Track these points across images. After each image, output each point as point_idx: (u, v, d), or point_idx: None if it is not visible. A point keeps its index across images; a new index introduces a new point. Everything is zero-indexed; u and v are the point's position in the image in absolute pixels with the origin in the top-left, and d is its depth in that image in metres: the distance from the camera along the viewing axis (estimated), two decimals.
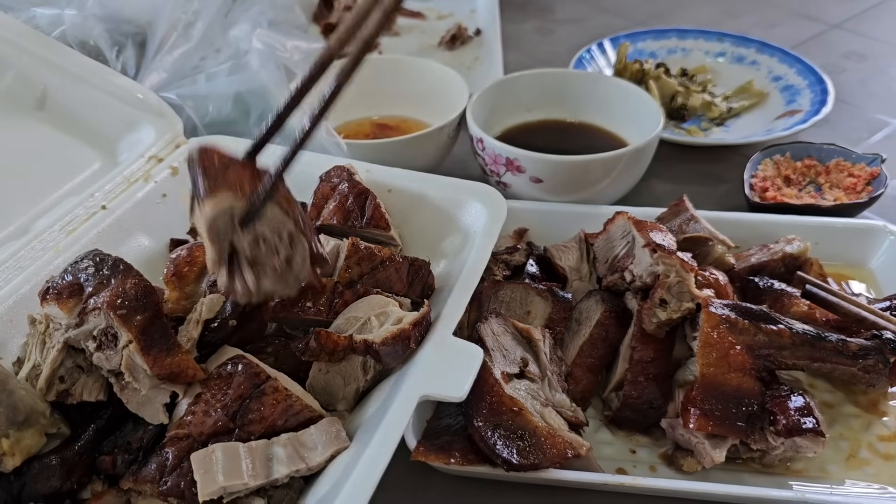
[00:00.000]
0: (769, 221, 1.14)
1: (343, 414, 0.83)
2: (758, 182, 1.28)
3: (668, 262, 0.92)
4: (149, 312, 0.76)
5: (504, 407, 0.83)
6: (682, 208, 1.11)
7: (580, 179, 1.16)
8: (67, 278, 0.80)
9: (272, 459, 0.74)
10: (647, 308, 0.91)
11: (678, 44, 1.72)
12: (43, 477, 0.75)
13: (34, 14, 1.25)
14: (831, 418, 0.93)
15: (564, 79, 1.39)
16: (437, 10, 2.01)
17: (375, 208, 1.01)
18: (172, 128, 1.15)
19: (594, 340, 0.95)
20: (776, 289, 1.00)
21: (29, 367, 0.80)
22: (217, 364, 0.80)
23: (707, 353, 0.86)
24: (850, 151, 1.31)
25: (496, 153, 1.18)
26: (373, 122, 1.45)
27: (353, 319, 0.84)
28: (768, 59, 1.63)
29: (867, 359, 0.87)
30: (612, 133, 1.34)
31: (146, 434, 0.78)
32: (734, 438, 0.84)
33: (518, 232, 1.16)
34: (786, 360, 0.87)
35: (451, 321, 0.84)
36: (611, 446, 0.92)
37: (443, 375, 0.77)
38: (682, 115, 1.53)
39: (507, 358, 0.90)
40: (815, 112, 1.42)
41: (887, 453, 0.90)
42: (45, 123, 1.11)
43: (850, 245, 1.13)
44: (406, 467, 0.83)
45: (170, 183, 1.10)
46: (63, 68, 1.12)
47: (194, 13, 1.32)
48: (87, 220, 1.01)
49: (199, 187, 0.74)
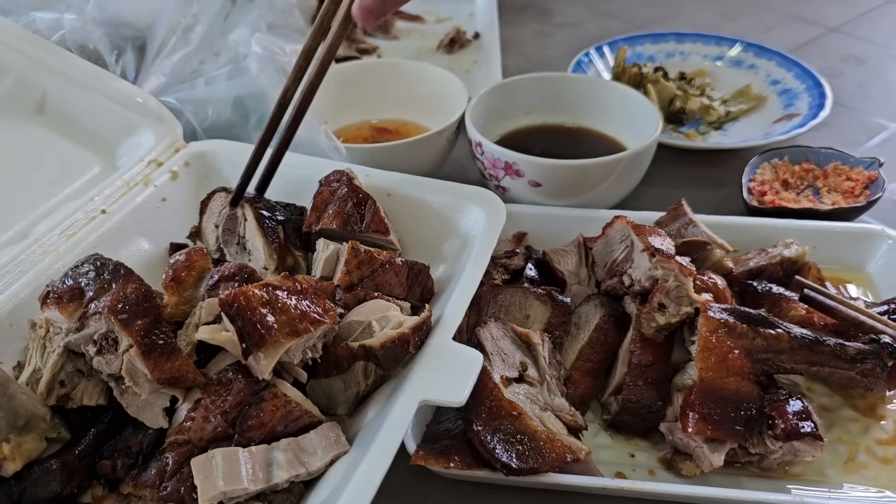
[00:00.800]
0: (767, 225, 1.14)
1: (343, 418, 0.83)
2: (756, 186, 1.29)
3: (666, 267, 0.92)
4: (149, 317, 0.76)
5: (503, 411, 0.83)
6: (680, 212, 1.11)
7: (579, 183, 1.16)
8: (68, 282, 0.80)
9: (272, 464, 0.74)
10: (646, 312, 0.92)
11: (676, 47, 1.73)
12: (43, 481, 0.75)
13: (34, 18, 1.25)
14: (829, 422, 0.93)
15: (563, 83, 1.39)
16: (435, 13, 2.02)
17: (375, 213, 1.01)
18: (172, 132, 1.15)
19: (593, 344, 0.96)
20: (774, 293, 1.00)
21: (29, 371, 0.81)
22: (217, 369, 0.80)
23: (705, 358, 0.86)
24: (848, 155, 1.31)
25: (495, 157, 1.18)
26: (372, 126, 1.45)
27: (354, 324, 0.84)
28: (766, 62, 1.63)
29: (865, 363, 0.87)
30: (610, 137, 1.34)
31: (146, 438, 0.79)
32: (733, 442, 0.84)
33: (517, 236, 1.16)
34: (784, 364, 0.87)
35: (451, 326, 0.85)
36: (610, 450, 0.92)
37: (442, 380, 0.78)
38: (680, 118, 1.53)
39: (507, 362, 0.90)
40: (813, 116, 1.42)
41: (885, 457, 0.90)
42: (44, 128, 1.11)
43: (848, 249, 1.13)
44: (406, 472, 0.84)
45: (169, 187, 1.10)
46: (62, 72, 1.12)
47: (193, 17, 1.32)
48: (86, 224, 1.01)
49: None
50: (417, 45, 1.89)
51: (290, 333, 0.76)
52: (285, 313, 0.77)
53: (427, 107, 1.41)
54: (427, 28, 1.96)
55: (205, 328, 0.77)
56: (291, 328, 0.76)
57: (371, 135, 1.43)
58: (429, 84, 1.43)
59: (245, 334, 0.75)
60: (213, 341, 0.76)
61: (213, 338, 0.76)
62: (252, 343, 0.75)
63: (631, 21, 2.04)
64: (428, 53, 1.84)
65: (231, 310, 0.75)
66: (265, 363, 0.75)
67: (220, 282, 0.90)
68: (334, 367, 0.82)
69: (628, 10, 2.12)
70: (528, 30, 2.02)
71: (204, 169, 1.14)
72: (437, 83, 1.41)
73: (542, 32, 2.01)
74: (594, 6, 2.14)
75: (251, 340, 0.75)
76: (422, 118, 1.43)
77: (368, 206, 1.01)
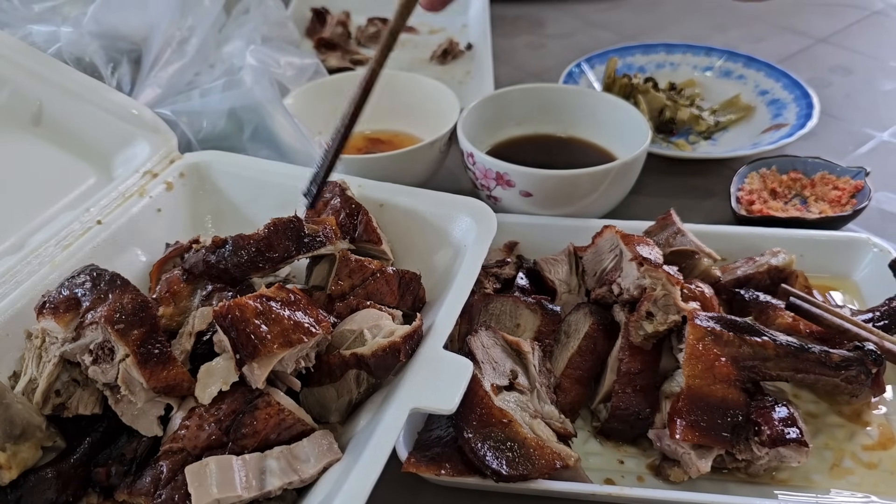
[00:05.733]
0: (755, 234, 1.16)
1: (335, 426, 0.84)
2: (744, 195, 1.30)
3: (654, 276, 0.94)
4: (145, 327, 0.77)
5: (493, 419, 0.84)
6: (669, 222, 1.12)
7: (569, 193, 1.18)
8: (64, 293, 0.81)
9: (265, 472, 0.75)
10: (634, 321, 0.93)
11: (666, 58, 1.75)
12: (39, 490, 0.76)
13: (30, 31, 1.26)
14: (815, 428, 0.95)
15: (554, 93, 1.40)
16: (428, 24, 2.03)
17: (367, 223, 1.02)
18: (167, 143, 1.16)
19: (582, 353, 0.97)
20: (761, 301, 1.02)
21: (25, 381, 0.81)
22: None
23: (693, 365, 0.87)
24: (835, 165, 1.33)
25: (486, 167, 1.20)
26: (365, 137, 1.46)
27: (347, 332, 0.85)
28: (755, 73, 1.65)
29: (850, 370, 0.88)
30: (601, 147, 1.36)
31: (140, 446, 0.79)
32: (720, 449, 0.85)
33: (508, 245, 1.17)
34: (770, 372, 0.89)
35: (442, 334, 0.86)
36: (599, 457, 0.93)
37: (433, 388, 0.79)
38: (670, 128, 1.55)
39: (497, 370, 0.91)
40: (800, 126, 1.44)
41: (870, 462, 0.91)
42: (40, 139, 1.12)
43: (835, 257, 1.14)
44: (397, 479, 0.85)
45: (164, 198, 1.11)
46: (59, 84, 1.13)
47: (189, 29, 1.33)
48: (82, 235, 1.02)
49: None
50: (410, 55, 1.90)
51: (283, 344, 0.77)
52: (279, 324, 0.78)
53: (420, 117, 1.43)
54: (420, 39, 1.98)
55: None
56: (285, 339, 0.77)
57: (364, 145, 1.44)
58: (422, 95, 1.44)
59: (239, 345, 0.76)
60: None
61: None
62: (246, 354, 0.76)
63: (621, 32, 2.06)
64: (421, 64, 1.86)
65: (225, 321, 0.76)
66: (259, 373, 0.76)
67: (215, 292, 0.91)
68: (327, 376, 0.83)
69: (619, 21, 2.14)
70: (520, 41, 2.04)
71: (199, 180, 1.15)
72: (430, 94, 1.43)
73: (533, 43, 2.03)
74: (585, 18, 2.16)
75: (245, 351, 0.76)
76: (415, 129, 1.45)
77: (360, 216, 1.02)
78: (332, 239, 0.95)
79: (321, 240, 0.94)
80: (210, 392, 0.77)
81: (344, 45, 1.91)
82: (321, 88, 1.45)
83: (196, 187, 1.15)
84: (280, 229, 0.92)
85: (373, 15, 2.01)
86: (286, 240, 0.92)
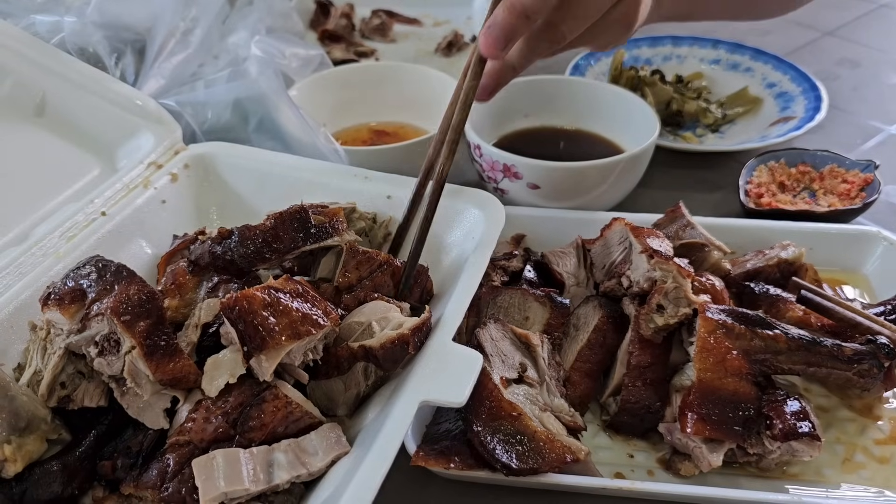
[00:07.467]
0: (764, 227, 1.15)
1: (343, 419, 0.83)
2: (753, 188, 1.29)
3: (664, 268, 0.93)
4: (152, 318, 0.76)
5: (503, 412, 0.83)
6: (678, 214, 1.11)
7: (577, 186, 1.17)
8: (69, 284, 0.80)
9: (273, 465, 0.74)
10: (645, 313, 0.92)
11: (673, 51, 1.74)
12: (44, 483, 0.75)
13: (33, 21, 1.25)
14: (827, 422, 0.94)
15: (561, 86, 1.39)
16: (433, 16, 2.02)
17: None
18: (171, 134, 1.15)
19: (592, 346, 0.96)
20: (771, 294, 1.01)
21: (30, 373, 0.81)
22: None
23: (704, 358, 0.86)
24: (844, 158, 1.32)
25: (493, 160, 1.19)
26: (370, 129, 1.45)
27: (355, 325, 0.84)
28: (762, 66, 1.64)
29: (862, 363, 0.87)
30: (608, 140, 1.35)
31: (146, 439, 0.79)
32: (731, 442, 0.84)
33: (516, 238, 1.16)
34: (781, 365, 0.88)
35: (451, 327, 0.85)
36: (609, 451, 0.92)
37: (442, 381, 0.78)
38: (677, 121, 1.54)
39: (506, 363, 0.90)
40: (809, 119, 1.43)
41: (882, 457, 0.90)
42: (44, 130, 1.11)
43: (845, 251, 1.13)
44: (406, 472, 0.84)
45: (169, 189, 1.10)
46: (62, 75, 1.12)
47: (193, 20, 1.32)
48: (86, 226, 1.01)
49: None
50: (415, 48, 1.89)
51: (291, 336, 0.76)
52: (287, 316, 0.77)
53: (425, 109, 1.42)
54: (425, 31, 1.97)
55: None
56: (293, 331, 0.77)
57: (370, 137, 1.43)
58: (427, 87, 1.43)
59: (247, 337, 0.75)
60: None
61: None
62: (254, 346, 0.75)
63: None
64: (426, 56, 1.84)
65: (233, 313, 0.76)
66: (266, 365, 0.75)
67: (220, 284, 0.90)
68: (335, 368, 0.82)
69: None
70: None
71: (203, 171, 1.14)
72: (435, 86, 1.42)
73: None
74: None
75: (253, 343, 0.75)
76: (420, 121, 1.44)
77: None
78: (339, 230, 0.94)
79: (328, 230, 0.93)
80: (217, 384, 0.76)
81: (348, 37, 1.89)
82: (326, 80, 1.44)
83: (201, 178, 1.14)
84: (287, 220, 0.92)
85: (377, 7, 2.00)
86: (293, 230, 0.91)
